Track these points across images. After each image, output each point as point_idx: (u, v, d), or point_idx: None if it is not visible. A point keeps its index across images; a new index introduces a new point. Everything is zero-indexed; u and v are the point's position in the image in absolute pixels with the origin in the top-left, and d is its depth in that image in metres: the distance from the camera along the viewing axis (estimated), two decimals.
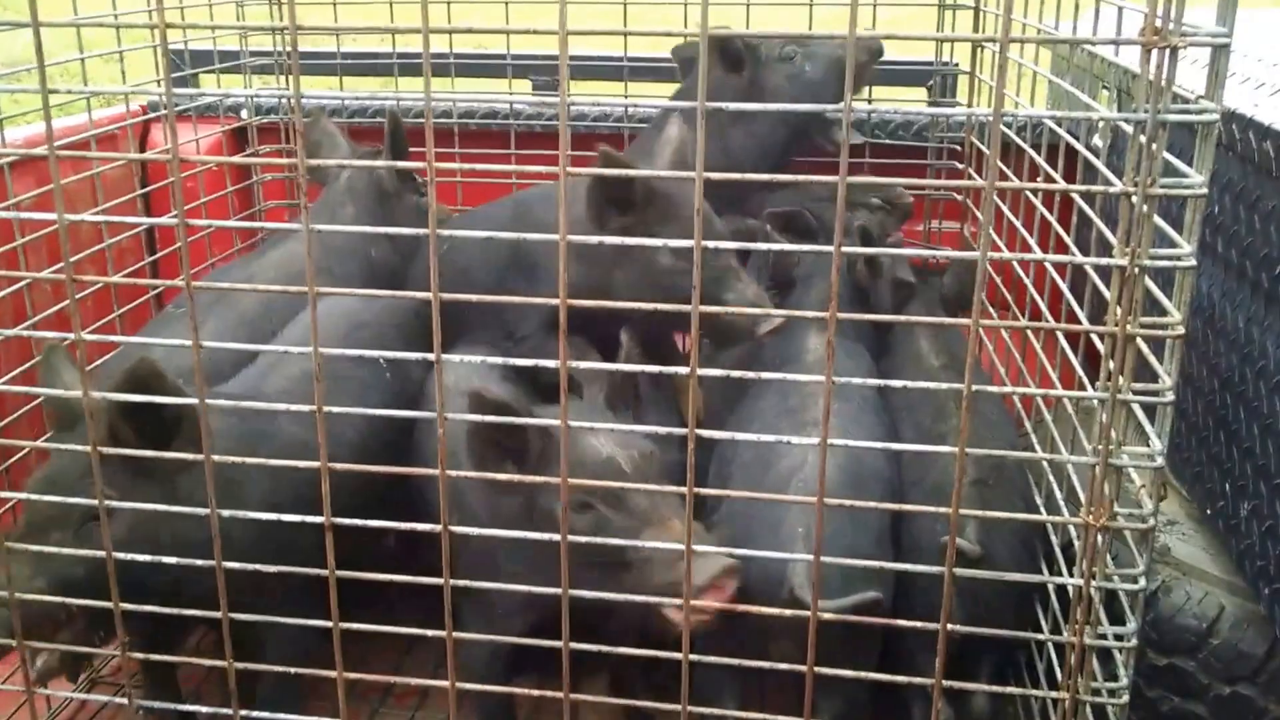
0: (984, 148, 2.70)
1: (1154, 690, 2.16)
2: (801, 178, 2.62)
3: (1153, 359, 1.49)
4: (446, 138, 3.23)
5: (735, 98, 2.65)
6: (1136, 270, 1.35)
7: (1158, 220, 1.44)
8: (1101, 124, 2.13)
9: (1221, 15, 1.33)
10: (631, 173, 2.05)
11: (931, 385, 1.43)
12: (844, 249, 1.28)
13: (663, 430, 1.59)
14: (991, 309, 2.70)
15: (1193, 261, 1.38)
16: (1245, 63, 2.33)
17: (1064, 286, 1.92)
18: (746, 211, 2.81)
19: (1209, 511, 2.19)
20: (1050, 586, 1.96)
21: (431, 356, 1.39)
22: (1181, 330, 1.40)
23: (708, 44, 1.23)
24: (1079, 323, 1.68)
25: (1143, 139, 1.31)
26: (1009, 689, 1.51)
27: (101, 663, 2.47)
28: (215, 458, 1.45)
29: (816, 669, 1.46)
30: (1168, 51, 1.26)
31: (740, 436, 1.59)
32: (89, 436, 1.51)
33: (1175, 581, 2.18)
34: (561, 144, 1.30)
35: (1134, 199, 1.32)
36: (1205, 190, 1.35)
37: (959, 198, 3.07)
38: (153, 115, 3.25)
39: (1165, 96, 1.31)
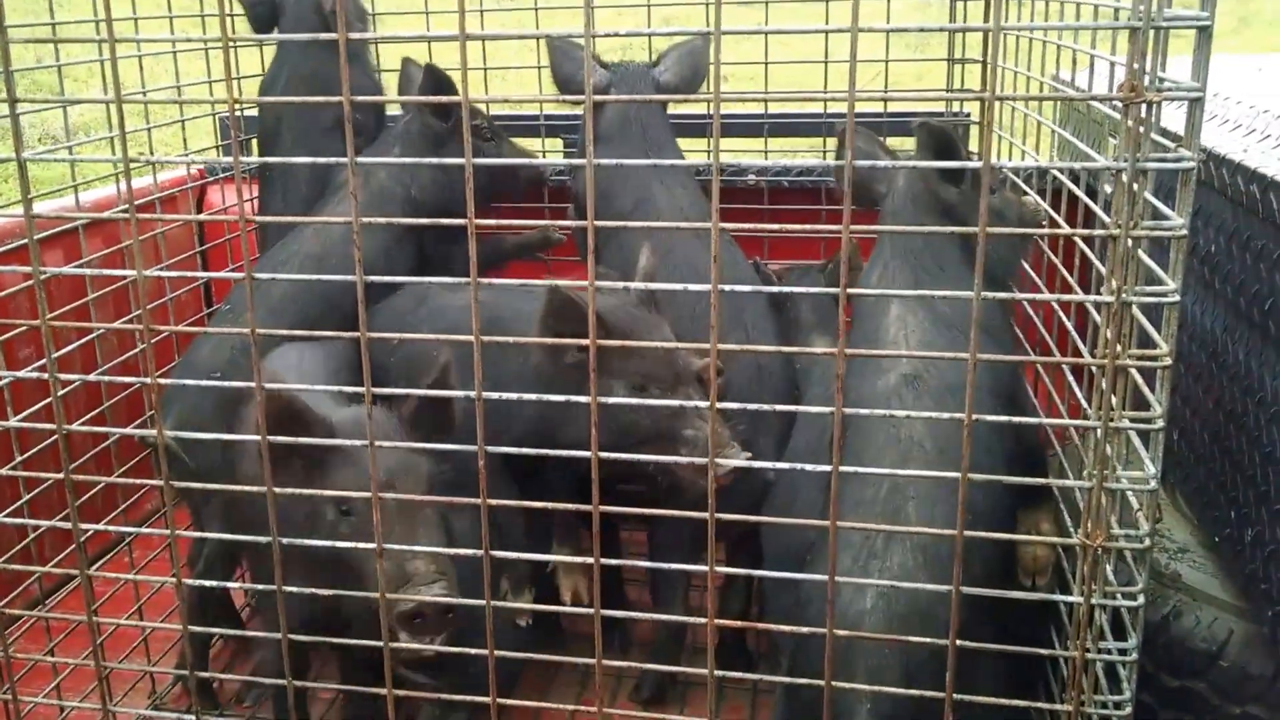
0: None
1: (1168, 712, 2.24)
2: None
3: (1145, 388, 1.59)
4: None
5: None
6: (1122, 305, 1.46)
7: (1147, 260, 1.55)
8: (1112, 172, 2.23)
9: (1195, 71, 1.44)
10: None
11: (938, 414, 1.54)
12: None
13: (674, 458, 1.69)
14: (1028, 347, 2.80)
15: (1176, 297, 1.49)
16: (1236, 108, 2.44)
17: (1069, 324, 2.03)
18: None
19: (1217, 538, 2.27)
20: (1062, 608, 2.06)
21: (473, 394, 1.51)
22: (1169, 361, 1.51)
23: None
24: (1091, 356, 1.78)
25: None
26: (1013, 701, 1.60)
27: (164, 689, 2.57)
28: (276, 490, 1.58)
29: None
30: (1143, 105, 1.38)
31: (760, 465, 1.71)
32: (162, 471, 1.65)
33: (1186, 606, 2.25)
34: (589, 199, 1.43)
35: (1118, 240, 1.44)
36: (1185, 232, 1.46)
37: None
38: (210, 179, 3.47)
39: (1145, 147, 1.42)
